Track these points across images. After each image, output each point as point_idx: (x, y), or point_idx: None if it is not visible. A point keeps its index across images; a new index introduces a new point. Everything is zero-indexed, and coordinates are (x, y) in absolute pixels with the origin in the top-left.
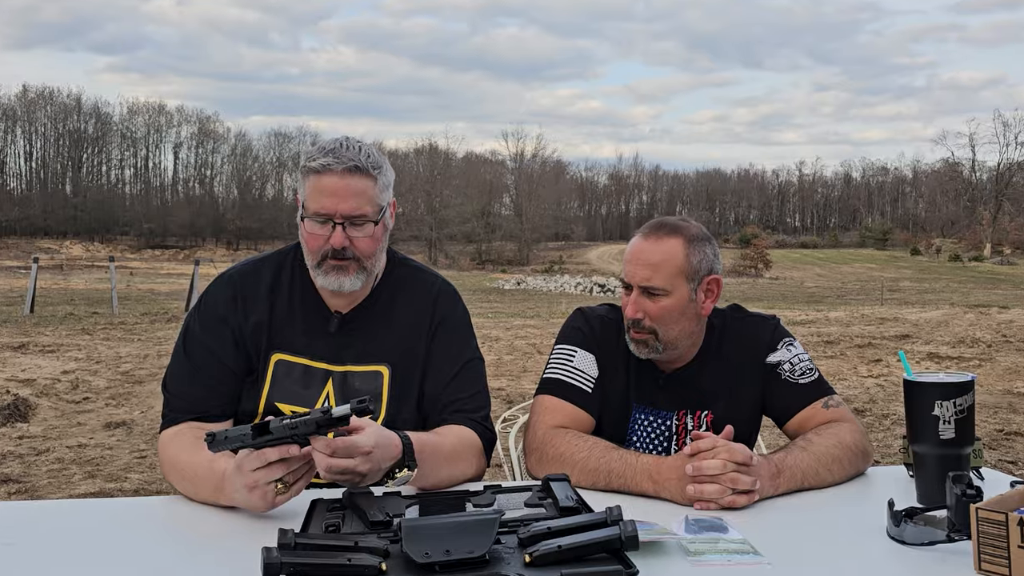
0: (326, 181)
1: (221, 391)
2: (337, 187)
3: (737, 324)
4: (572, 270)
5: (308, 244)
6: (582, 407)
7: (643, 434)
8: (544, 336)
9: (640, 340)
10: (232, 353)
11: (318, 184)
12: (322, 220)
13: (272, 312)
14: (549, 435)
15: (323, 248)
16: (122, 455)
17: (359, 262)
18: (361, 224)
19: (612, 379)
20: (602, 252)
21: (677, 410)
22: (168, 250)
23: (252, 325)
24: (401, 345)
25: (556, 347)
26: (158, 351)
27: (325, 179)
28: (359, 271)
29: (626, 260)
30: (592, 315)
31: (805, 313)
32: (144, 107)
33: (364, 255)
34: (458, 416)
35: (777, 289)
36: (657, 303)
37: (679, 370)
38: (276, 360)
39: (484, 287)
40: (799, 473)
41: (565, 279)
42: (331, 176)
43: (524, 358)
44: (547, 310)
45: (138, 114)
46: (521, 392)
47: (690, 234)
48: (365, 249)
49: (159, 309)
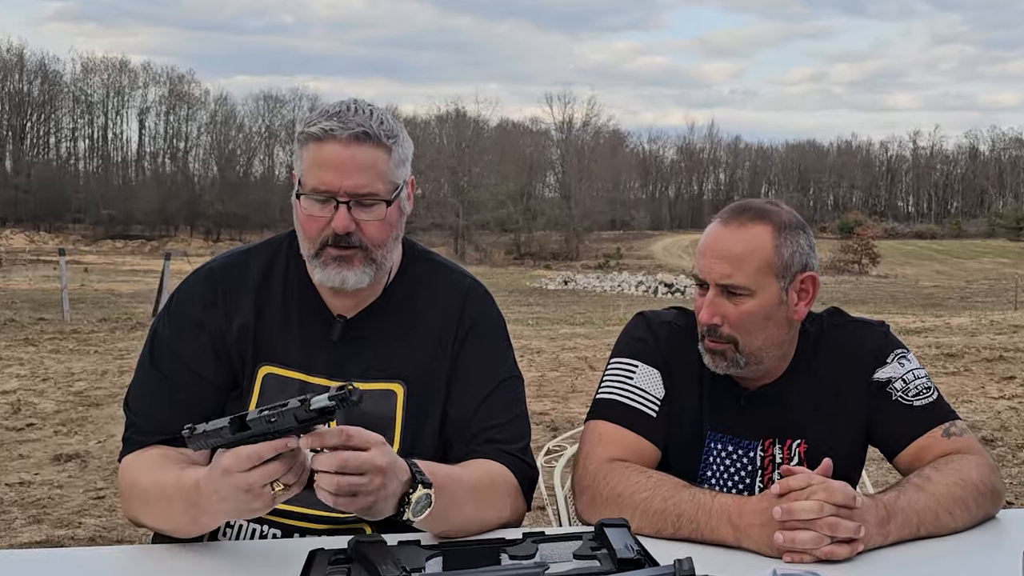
0: (328, 151)
1: (196, 409)
2: (342, 158)
3: (837, 332)
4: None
5: (305, 228)
6: (644, 435)
7: (720, 468)
8: (597, 348)
9: (717, 351)
10: (211, 363)
11: (318, 154)
12: (322, 199)
13: (260, 315)
14: (604, 470)
15: (323, 233)
16: (74, 495)
17: (367, 252)
18: (370, 205)
19: (682, 400)
20: (669, 244)
21: (762, 438)
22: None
23: (236, 330)
24: (419, 358)
25: (612, 361)
26: (119, 367)
27: (327, 148)
28: (366, 263)
29: (700, 252)
30: (657, 321)
31: (920, 319)
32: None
33: (373, 243)
34: (489, 448)
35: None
36: (739, 305)
37: (765, 388)
38: (265, 374)
39: (523, 287)
40: (914, 517)
41: (623, 277)
42: (334, 144)
43: (573, 375)
44: (601, 316)
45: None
46: (569, 417)
47: (780, 220)
48: (375, 236)
49: (121, 314)
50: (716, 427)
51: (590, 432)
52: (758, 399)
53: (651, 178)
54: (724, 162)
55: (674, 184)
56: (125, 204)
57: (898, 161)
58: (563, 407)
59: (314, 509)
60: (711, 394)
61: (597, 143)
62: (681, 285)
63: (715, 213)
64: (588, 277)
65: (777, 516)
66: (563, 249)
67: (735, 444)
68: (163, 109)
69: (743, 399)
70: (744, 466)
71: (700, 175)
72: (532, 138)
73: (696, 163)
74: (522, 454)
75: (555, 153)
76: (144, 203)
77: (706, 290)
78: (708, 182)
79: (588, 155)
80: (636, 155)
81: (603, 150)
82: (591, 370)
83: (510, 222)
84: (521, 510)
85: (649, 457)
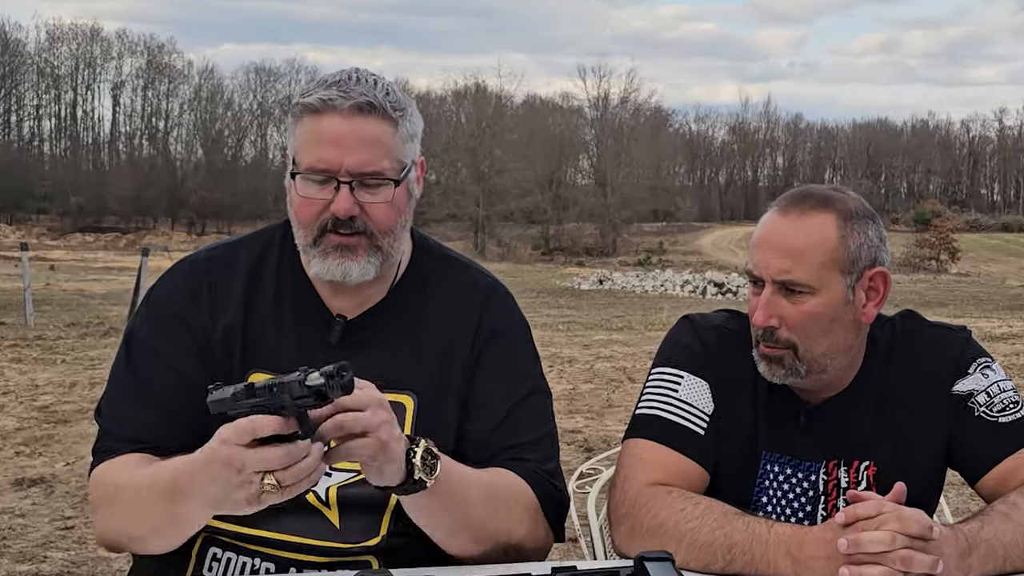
0: (328, 124)
1: (178, 415)
2: (343, 132)
3: (911, 338)
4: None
5: (300, 214)
6: (691, 456)
7: (777, 494)
8: (638, 357)
9: (773, 358)
10: (194, 363)
11: (316, 128)
12: (321, 179)
13: (250, 314)
14: (645, 496)
15: (321, 218)
16: (39, 525)
17: (372, 239)
18: (376, 186)
19: (733, 416)
20: (719, 237)
21: (826, 460)
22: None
23: (222, 331)
24: (431, 368)
25: (654, 371)
26: (90, 378)
27: (327, 121)
28: (371, 252)
29: (755, 245)
30: (705, 326)
31: (1008, 324)
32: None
33: (379, 229)
34: (514, 465)
35: (967, 290)
36: (799, 305)
37: (829, 402)
38: (255, 381)
39: (552, 287)
40: (999, 550)
41: (667, 275)
42: (334, 117)
43: (609, 388)
44: (641, 319)
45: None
46: (604, 436)
47: (846, 209)
48: (381, 220)
49: (92, 318)
50: (773, 446)
51: (629, 453)
52: (821, 414)
53: (699, 162)
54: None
55: (725, 169)
56: (97, 192)
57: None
58: (598, 424)
59: (312, 539)
60: (767, 409)
61: (637, 122)
62: (733, 285)
63: (772, 201)
64: (627, 275)
65: (843, 548)
66: (598, 243)
67: (794, 466)
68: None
69: (803, 414)
70: (805, 491)
71: (755, 159)
72: (563, 116)
73: (750, 145)
74: (551, 476)
75: (589, 134)
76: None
77: (761, 288)
78: (764, 167)
79: (627, 136)
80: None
81: (644, 130)
82: (630, 382)
83: (537, 212)
84: (540, 536)
85: (696, 481)
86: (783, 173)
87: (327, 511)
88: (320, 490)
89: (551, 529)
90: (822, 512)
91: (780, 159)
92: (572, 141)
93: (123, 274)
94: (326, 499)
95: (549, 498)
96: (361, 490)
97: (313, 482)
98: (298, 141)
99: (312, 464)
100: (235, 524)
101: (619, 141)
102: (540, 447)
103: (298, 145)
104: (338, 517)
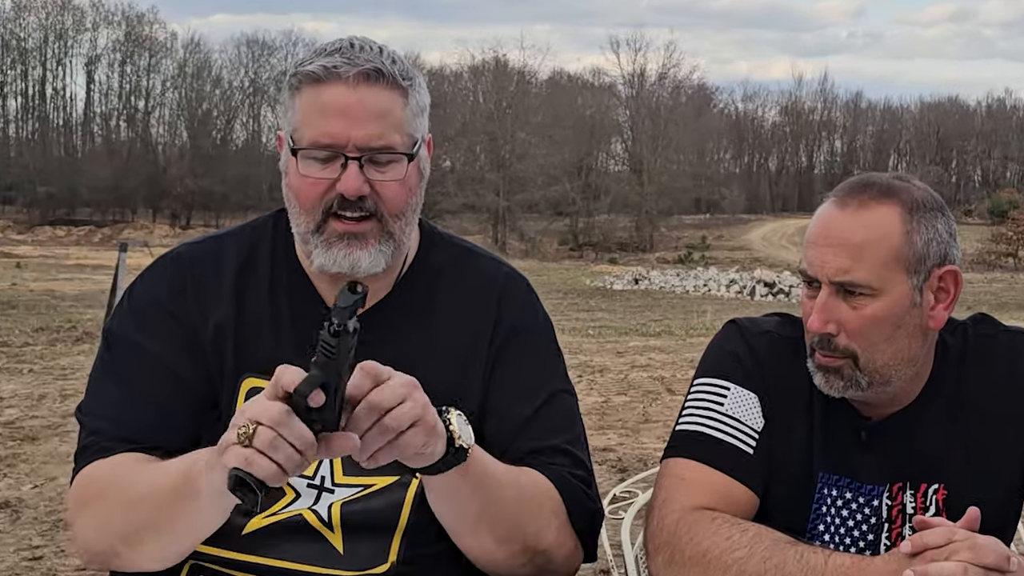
0: (332, 94)
1: (175, 414)
2: (348, 102)
3: (986, 344)
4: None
5: (301, 196)
6: (738, 478)
7: (836, 520)
8: (678, 366)
9: (831, 368)
10: (185, 359)
11: (319, 99)
12: (325, 155)
13: (241, 312)
14: (686, 522)
15: (325, 199)
16: (4, 555)
17: (382, 223)
18: (386, 162)
19: (786, 433)
20: (770, 230)
21: (890, 482)
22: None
23: (213, 328)
24: (444, 367)
25: (698, 382)
26: (61, 389)
27: (330, 91)
28: (383, 240)
29: (810, 241)
30: (754, 331)
31: None
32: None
33: (391, 210)
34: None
35: None
36: (859, 308)
37: (893, 418)
38: (249, 388)
39: (582, 286)
40: None
41: (711, 274)
42: (339, 87)
43: (646, 400)
44: (682, 323)
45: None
46: (641, 455)
47: (912, 200)
48: (393, 201)
49: (63, 322)
50: (830, 467)
51: (668, 474)
52: (884, 431)
53: (747, 147)
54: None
55: (776, 154)
56: (68, 180)
57: None
58: (633, 442)
59: (313, 566)
60: (824, 425)
61: (677, 101)
62: (785, 284)
63: (829, 191)
64: (665, 274)
65: None
66: (633, 238)
67: (855, 489)
68: (117, 58)
69: (865, 431)
70: (866, 517)
71: (809, 142)
72: (593, 95)
73: (804, 127)
74: (583, 484)
75: (623, 114)
76: (93, 179)
77: (817, 289)
78: (820, 152)
79: (665, 117)
80: (727, 117)
81: (685, 110)
82: (669, 394)
83: (564, 203)
84: (570, 549)
85: (744, 506)
86: (841, 159)
87: (329, 534)
88: (322, 509)
89: (581, 543)
90: (885, 541)
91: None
92: (604, 123)
93: (98, 272)
94: (328, 519)
95: (580, 507)
96: (368, 507)
97: (283, 477)
98: (297, 115)
99: (297, 460)
100: (226, 549)
101: (656, 123)
102: (569, 452)
103: (297, 120)
104: (342, 541)
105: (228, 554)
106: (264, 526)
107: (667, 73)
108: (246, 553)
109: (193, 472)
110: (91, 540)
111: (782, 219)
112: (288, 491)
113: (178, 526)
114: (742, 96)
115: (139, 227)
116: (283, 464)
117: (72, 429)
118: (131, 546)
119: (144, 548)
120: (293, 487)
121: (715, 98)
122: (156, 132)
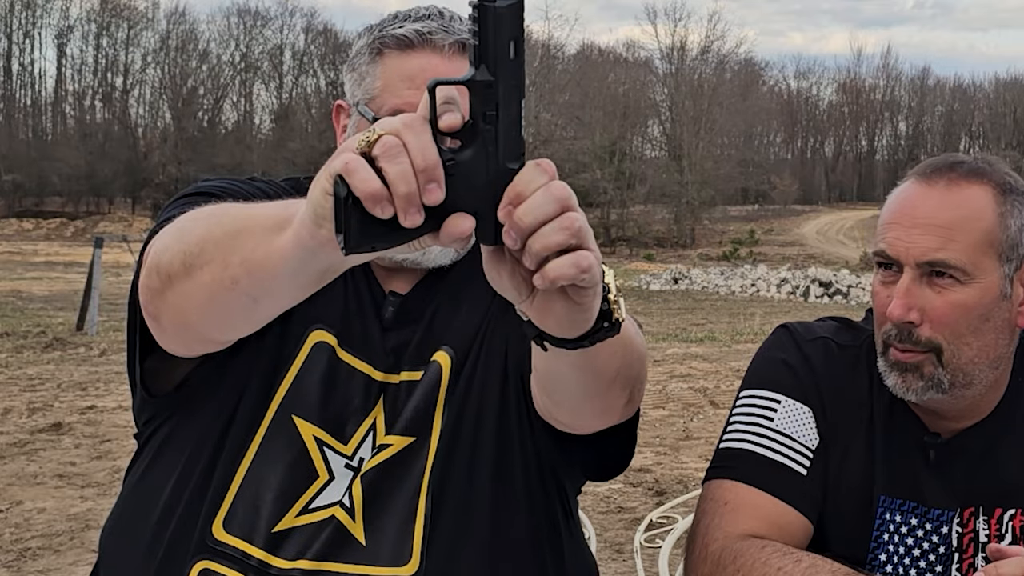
0: (422, 62)
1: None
2: (442, 72)
3: None
4: (772, 256)
5: None
6: (790, 501)
7: (900, 549)
8: (722, 376)
9: (910, 365)
10: None
11: (405, 66)
12: None
13: None
14: (732, 551)
15: None
16: None
17: None
18: None
19: (844, 452)
20: (826, 224)
21: (961, 507)
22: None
23: None
24: (470, 321)
25: (745, 394)
26: (28, 402)
27: (420, 59)
28: None
29: (889, 222)
30: (808, 338)
31: None
32: None
33: None
34: None
35: None
36: (946, 295)
37: (965, 434)
38: (316, 341)
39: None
40: None
41: (759, 272)
42: (432, 56)
43: (686, 414)
44: (727, 328)
45: None
46: (681, 476)
47: (1004, 182)
48: None
49: (31, 326)
50: (894, 490)
51: (712, 497)
52: (955, 450)
53: (800, 129)
54: (906, 106)
55: (833, 138)
56: (37, 167)
57: None
58: (672, 461)
59: (368, 566)
60: (886, 443)
61: (721, 78)
62: (843, 285)
63: (897, 178)
64: (709, 272)
65: None
66: (672, 232)
67: (921, 515)
68: (92, 30)
69: (933, 450)
70: (934, 546)
71: (870, 125)
72: (627, 71)
73: (865, 107)
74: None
75: (660, 93)
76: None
77: (896, 274)
78: (882, 135)
79: (708, 96)
80: (778, 96)
81: (730, 89)
82: (712, 408)
83: (595, 192)
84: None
85: (797, 532)
86: (906, 143)
87: (352, 524)
88: (347, 499)
89: None
90: (956, 573)
91: (902, 125)
92: (639, 103)
93: (71, 271)
94: (351, 504)
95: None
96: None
97: (383, 199)
98: (379, 82)
99: (408, 181)
100: (246, 543)
101: (699, 102)
102: None
103: (379, 87)
104: (363, 531)
105: (249, 548)
106: (296, 526)
107: (710, 46)
108: (268, 552)
109: (295, 206)
110: (162, 250)
111: (839, 210)
112: (322, 472)
113: (248, 262)
114: (795, 72)
115: (116, 219)
116: (392, 179)
117: (41, 447)
118: (188, 269)
119: (199, 277)
120: (329, 466)
121: (764, 75)
122: (135, 113)
